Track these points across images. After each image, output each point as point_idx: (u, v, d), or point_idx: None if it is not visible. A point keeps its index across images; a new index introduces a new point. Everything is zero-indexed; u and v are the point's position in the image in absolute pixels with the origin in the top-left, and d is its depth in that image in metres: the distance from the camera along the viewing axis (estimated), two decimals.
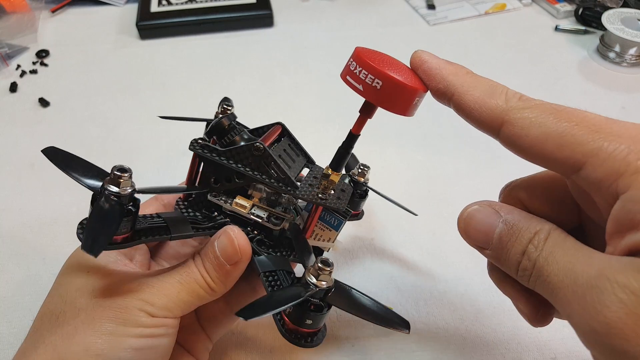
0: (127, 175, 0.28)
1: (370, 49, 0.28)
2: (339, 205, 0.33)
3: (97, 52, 0.76)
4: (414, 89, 0.26)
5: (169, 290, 0.31)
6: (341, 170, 0.32)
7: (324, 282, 0.28)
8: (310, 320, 0.29)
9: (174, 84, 0.70)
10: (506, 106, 0.24)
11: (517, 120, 0.24)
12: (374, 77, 0.26)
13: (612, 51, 0.72)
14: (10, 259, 0.48)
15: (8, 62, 0.73)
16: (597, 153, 0.21)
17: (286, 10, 0.85)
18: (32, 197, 0.53)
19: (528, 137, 0.23)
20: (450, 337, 0.42)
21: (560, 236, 0.23)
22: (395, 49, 0.77)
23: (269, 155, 0.32)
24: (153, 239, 0.31)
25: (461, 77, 0.26)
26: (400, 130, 0.62)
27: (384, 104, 0.27)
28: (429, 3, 0.85)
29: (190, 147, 0.33)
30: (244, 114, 0.66)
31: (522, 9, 0.86)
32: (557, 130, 0.22)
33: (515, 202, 0.30)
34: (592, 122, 0.22)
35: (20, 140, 0.61)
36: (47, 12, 0.84)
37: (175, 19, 0.79)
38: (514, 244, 0.24)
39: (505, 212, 0.26)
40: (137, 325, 0.29)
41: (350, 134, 0.31)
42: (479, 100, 0.25)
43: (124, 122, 0.64)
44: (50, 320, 0.30)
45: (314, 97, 0.67)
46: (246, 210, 0.34)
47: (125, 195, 0.28)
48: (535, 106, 0.24)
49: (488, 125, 0.25)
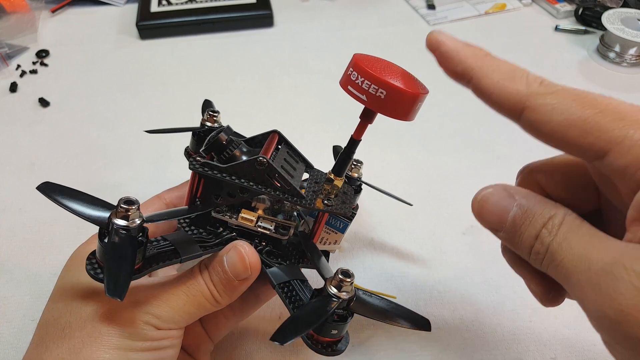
0: (134, 207, 0.28)
1: (367, 55, 0.28)
2: (346, 210, 0.33)
3: (97, 52, 0.76)
4: (417, 95, 0.26)
5: (175, 302, 0.30)
6: (343, 175, 0.33)
7: (345, 292, 0.29)
8: (336, 330, 0.29)
9: (174, 84, 0.70)
10: (527, 91, 0.24)
11: (539, 106, 0.23)
12: (377, 87, 0.26)
13: (612, 51, 0.72)
14: (10, 259, 0.48)
15: (8, 62, 0.73)
16: (622, 141, 0.21)
17: (286, 10, 0.84)
18: (32, 197, 0.53)
19: (551, 123, 0.23)
20: (450, 337, 0.42)
21: (575, 221, 0.23)
22: (395, 49, 0.78)
23: (273, 169, 0.32)
24: (164, 264, 0.30)
25: (480, 59, 0.25)
26: (400, 130, 0.62)
27: (387, 112, 0.27)
28: (429, 3, 0.85)
29: (190, 167, 0.32)
30: (244, 114, 0.66)
31: (522, 9, 0.86)
32: (581, 117, 0.22)
33: (532, 185, 0.29)
34: (617, 110, 0.22)
35: (20, 140, 0.61)
36: (47, 12, 0.84)
37: (175, 19, 0.79)
38: (528, 227, 0.24)
39: (520, 196, 0.25)
40: (144, 339, 0.29)
41: (351, 140, 0.31)
42: (499, 84, 0.24)
43: (124, 122, 0.64)
44: (55, 332, 0.30)
45: (314, 97, 0.67)
46: (253, 224, 0.34)
47: (134, 228, 0.27)
48: (558, 92, 0.23)
49: (509, 109, 0.24)
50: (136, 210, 0.28)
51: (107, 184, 0.55)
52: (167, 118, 0.64)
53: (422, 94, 0.27)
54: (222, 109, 0.42)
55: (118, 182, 0.55)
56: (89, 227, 0.39)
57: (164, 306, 0.30)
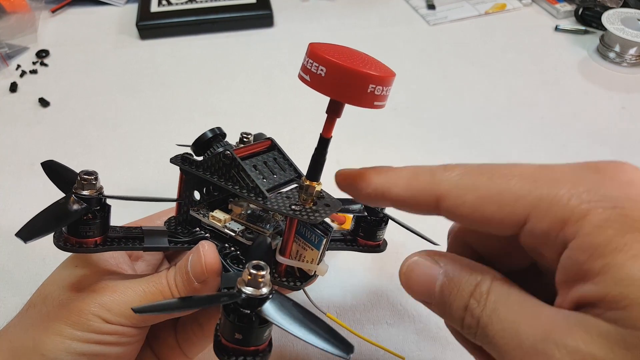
0: (92, 177, 0.29)
1: (329, 43, 0.27)
2: (312, 219, 0.29)
3: (97, 52, 0.76)
4: (359, 72, 0.24)
5: (131, 297, 0.30)
6: (319, 179, 0.30)
7: (255, 289, 0.24)
8: (240, 334, 0.25)
9: (174, 84, 0.70)
10: (434, 180, 0.23)
11: (450, 190, 0.22)
12: (318, 65, 0.25)
13: (612, 51, 0.72)
14: (10, 259, 0.48)
15: (8, 62, 0.73)
16: (538, 203, 0.20)
17: (286, 10, 0.84)
18: (32, 197, 0.53)
19: (465, 204, 0.22)
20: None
21: (504, 288, 0.22)
22: (395, 49, 0.78)
23: (238, 164, 0.31)
24: (125, 247, 0.31)
25: (383, 174, 0.25)
26: (400, 131, 0.62)
27: (335, 94, 0.25)
28: (429, 3, 0.85)
29: (171, 160, 0.33)
30: (244, 114, 0.66)
31: (522, 9, 0.86)
32: (493, 189, 0.21)
33: (461, 245, 0.28)
34: (527, 173, 0.21)
35: (20, 140, 0.61)
36: (47, 12, 0.84)
37: (175, 19, 0.79)
38: (456, 297, 0.23)
39: (445, 262, 0.24)
40: (87, 330, 0.28)
41: (321, 138, 0.29)
42: (407, 186, 0.24)
43: (124, 122, 0.64)
44: (22, 312, 0.31)
45: (314, 97, 0.67)
46: (221, 224, 0.33)
47: (90, 198, 0.29)
48: (464, 171, 0.22)
49: (426, 206, 0.23)
50: (94, 180, 0.29)
51: (107, 184, 0.55)
52: (167, 118, 0.64)
53: (369, 73, 0.24)
54: (222, 109, 0.42)
55: (118, 182, 0.55)
56: None
57: (118, 300, 0.29)
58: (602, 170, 0.20)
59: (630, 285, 0.18)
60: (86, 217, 0.29)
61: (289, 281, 0.32)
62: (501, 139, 0.61)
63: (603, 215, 0.19)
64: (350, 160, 0.57)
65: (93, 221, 0.29)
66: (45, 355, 0.28)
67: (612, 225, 0.18)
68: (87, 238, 0.30)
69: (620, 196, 0.19)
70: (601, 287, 0.18)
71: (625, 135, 0.62)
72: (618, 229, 0.18)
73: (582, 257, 0.19)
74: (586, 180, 0.20)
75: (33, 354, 0.28)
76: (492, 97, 0.68)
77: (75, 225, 0.29)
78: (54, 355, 0.28)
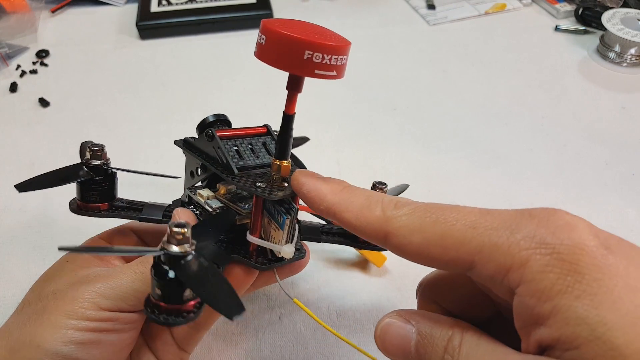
0: (98, 149, 0.34)
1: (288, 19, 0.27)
2: (270, 196, 0.29)
3: (97, 52, 0.76)
4: (292, 37, 0.24)
5: (122, 279, 0.30)
6: (288, 157, 0.30)
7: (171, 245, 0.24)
8: (159, 290, 0.25)
9: (174, 84, 0.70)
10: (384, 216, 0.24)
11: (398, 229, 0.23)
12: (261, 35, 0.25)
13: (612, 51, 0.72)
14: (10, 259, 0.48)
15: (8, 62, 0.73)
16: (480, 250, 0.21)
17: (286, 10, 0.85)
18: (32, 197, 0.53)
19: (412, 244, 0.23)
20: None
21: (474, 339, 0.23)
22: (395, 49, 0.78)
23: (217, 142, 0.33)
24: (124, 215, 0.36)
25: (338, 194, 0.26)
26: (400, 130, 0.62)
27: (273, 62, 0.25)
28: (429, 3, 0.85)
29: (175, 142, 0.37)
30: (244, 114, 0.66)
31: (522, 9, 0.86)
32: (436, 233, 0.22)
33: (429, 303, 0.29)
34: (468, 219, 0.22)
35: (20, 140, 0.61)
36: (47, 12, 0.84)
37: (175, 19, 0.79)
38: (431, 355, 0.23)
39: (417, 321, 0.25)
40: (81, 318, 0.29)
41: (284, 115, 0.29)
42: (359, 215, 0.25)
43: (124, 122, 0.64)
44: (18, 310, 0.32)
45: (314, 97, 0.67)
46: (203, 200, 0.35)
47: (94, 166, 0.34)
48: (412, 211, 0.23)
49: (374, 237, 0.24)
50: (101, 151, 0.35)
51: None
52: (167, 118, 0.64)
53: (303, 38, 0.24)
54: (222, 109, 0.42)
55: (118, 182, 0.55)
56: (89, 227, 0.40)
57: (111, 285, 0.29)
58: (536, 216, 0.21)
59: (580, 325, 0.19)
60: (93, 184, 0.34)
61: (259, 261, 0.32)
62: (501, 139, 0.61)
63: (542, 261, 0.20)
64: (350, 160, 0.57)
65: (97, 188, 0.34)
66: (41, 347, 0.28)
67: (552, 270, 0.19)
68: (92, 203, 0.35)
69: (556, 242, 0.20)
70: (554, 329, 0.19)
71: (625, 135, 0.62)
72: (559, 273, 0.19)
73: (531, 302, 0.20)
74: (522, 227, 0.21)
75: (30, 347, 0.28)
76: (492, 97, 0.68)
77: (83, 191, 0.35)
78: (51, 346, 0.28)
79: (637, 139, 0.61)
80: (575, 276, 0.19)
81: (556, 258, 0.20)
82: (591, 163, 0.58)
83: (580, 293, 0.19)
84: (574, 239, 0.20)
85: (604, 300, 0.19)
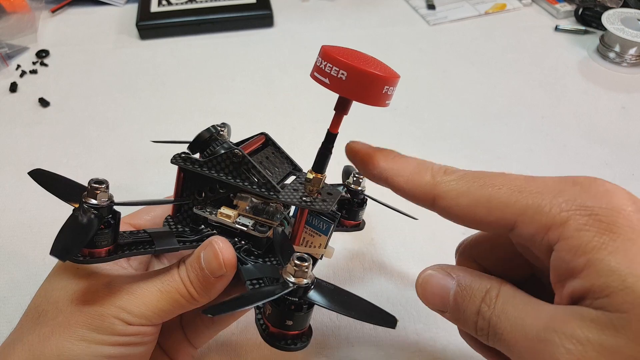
0: (103, 186, 0.28)
1: (338, 46, 0.29)
2: (324, 207, 0.31)
3: (97, 52, 0.76)
4: (378, 76, 0.26)
5: (148, 298, 0.30)
6: (324, 171, 0.32)
7: (301, 279, 0.27)
8: (291, 321, 0.27)
9: (174, 84, 0.70)
10: (434, 182, 0.26)
11: (446, 193, 0.26)
12: (338, 69, 0.26)
13: (612, 51, 0.72)
14: (10, 259, 0.48)
15: (8, 62, 0.73)
16: (524, 211, 0.23)
17: (286, 10, 0.85)
18: (32, 197, 0.53)
19: (459, 206, 0.25)
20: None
21: (510, 291, 0.24)
22: (395, 49, 0.78)
23: (248, 161, 0.32)
24: (137, 252, 0.30)
25: (390, 161, 0.28)
26: (400, 131, 0.62)
27: (353, 95, 0.27)
28: (429, 3, 0.86)
29: (172, 161, 0.33)
30: (244, 114, 0.66)
31: (522, 9, 0.86)
32: (483, 196, 0.24)
33: (469, 261, 0.31)
34: (514, 183, 0.24)
35: (20, 140, 0.61)
36: (47, 12, 0.84)
37: (175, 19, 0.79)
38: (469, 304, 0.25)
39: (457, 274, 0.27)
40: (111, 334, 0.29)
41: (328, 134, 0.31)
42: (409, 180, 0.27)
43: (124, 122, 0.64)
44: (32, 319, 0.31)
45: (314, 97, 0.67)
46: (231, 220, 0.33)
47: (102, 207, 0.28)
48: (461, 177, 0.26)
49: (423, 200, 0.27)
50: (105, 189, 0.28)
51: None
52: (167, 118, 0.64)
53: (386, 76, 0.27)
54: (222, 109, 0.42)
55: (118, 182, 0.55)
56: None
57: (136, 301, 0.30)
58: (579, 183, 0.23)
59: (611, 276, 0.20)
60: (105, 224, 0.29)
61: None
62: (501, 139, 0.61)
63: (581, 221, 0.22)
64: None
65: (106, 230, 0.29)
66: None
67: (589, 229, 0.21)
68: (101, 248, 0.29)
69: (594, 205, 0.22)
70: (587, 280, 0.21)
71: (625, 135, 0.62)
72: (595, 232, 0.21)
73: (567, 256, 0.22)
74: (565, 192, 0.23)
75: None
76: (492, 97, 0.68)
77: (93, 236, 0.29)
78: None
79: (637, 139, 0.61)
80: (610, 235, 0.21)
81: (594, 219, 0.21)
82: (591, 163, 0.58)
83: (613, 250, 0.21)
84: (613, 203, 0.22)
85: (635, 257, 0.20)
